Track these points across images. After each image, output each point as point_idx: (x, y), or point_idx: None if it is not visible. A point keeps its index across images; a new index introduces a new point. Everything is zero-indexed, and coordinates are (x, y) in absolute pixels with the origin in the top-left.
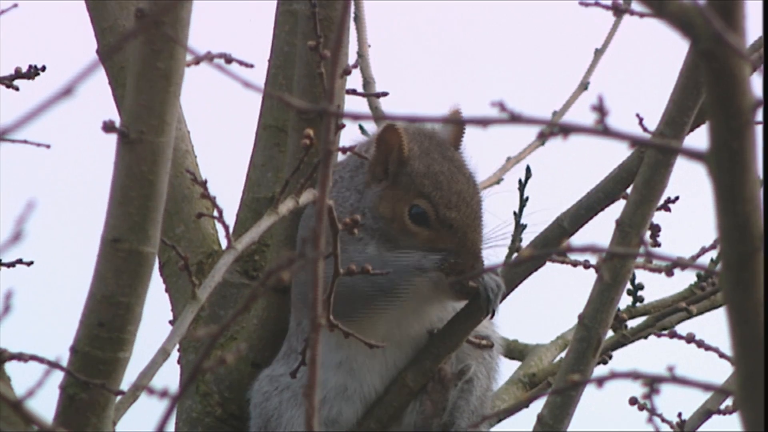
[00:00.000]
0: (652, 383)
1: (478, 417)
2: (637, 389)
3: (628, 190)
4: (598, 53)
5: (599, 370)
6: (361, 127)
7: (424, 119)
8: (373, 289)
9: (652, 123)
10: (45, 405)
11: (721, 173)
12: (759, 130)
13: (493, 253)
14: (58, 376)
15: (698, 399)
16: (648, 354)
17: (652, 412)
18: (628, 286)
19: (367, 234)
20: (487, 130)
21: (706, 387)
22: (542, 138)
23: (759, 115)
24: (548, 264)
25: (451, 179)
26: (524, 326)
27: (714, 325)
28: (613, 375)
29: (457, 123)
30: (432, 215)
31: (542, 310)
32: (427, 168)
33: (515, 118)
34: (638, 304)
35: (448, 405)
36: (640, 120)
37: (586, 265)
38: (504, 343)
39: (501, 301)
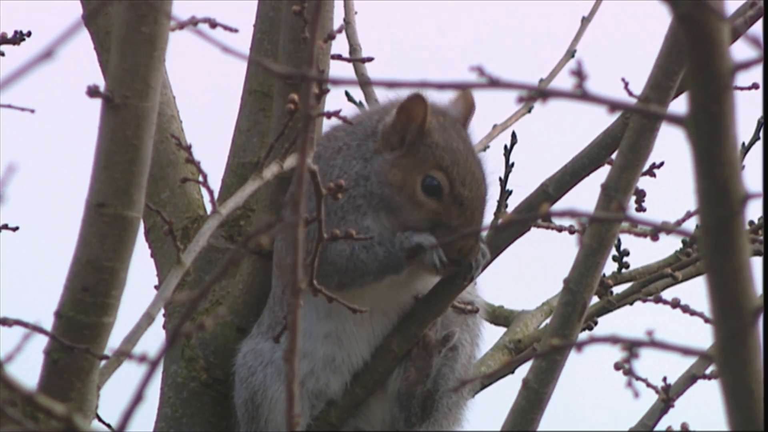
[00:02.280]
0: (631, 348)
1: (468, 390)
2: (621, 354)
3: (613, 156)
4: (585, 21)
5: (583, 337)
6: (347, 94)
7: (406, 84)
8: (376, 264)
9: (640, 88)
10: (29, 370)
11: (700, 137)
12: (738, 95)
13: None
14: (40, 341)
15: (685, 364)
16: (633, 321)
17: (633, 375)
18: (614, 252)
19: (366, 201)
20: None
21: (685, 351)
22: (521, 102)
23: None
24: (533, 230)
25: (467, 158)
26: (510, 292)
27: (700, 291)
28: (593, 340)
29: (437, 88)
30: (446, 189)
31: (528, 276)
32: (447, 143)
33: (494, 83)
34: (624, 270)
35: (432, 371)
36: (626, 84)
37: (571, 230)
38: (489, 309)
39: (485, 267)
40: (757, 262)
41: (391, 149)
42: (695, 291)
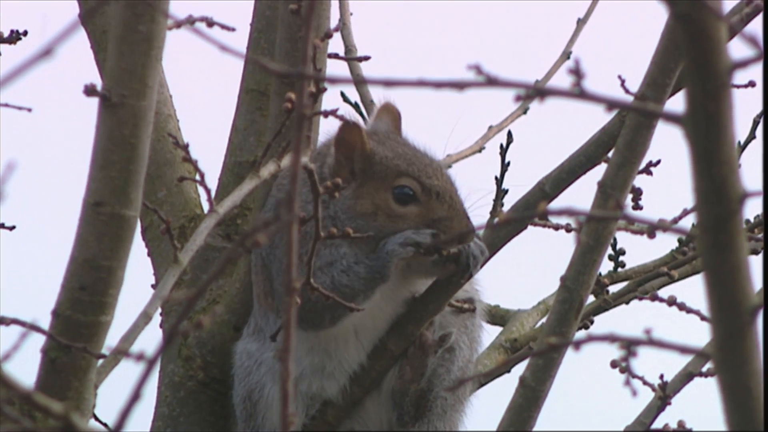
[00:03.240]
0: (629, 346)
1: (464, 391)
2: (618, 352)
3: (610, 154)
4: (581, 23)
5: (580, 335)
6: (342, 95)
7: (401, 83)
8: (362, 283)
9: (637, 86)
10: (27, 369)
11: (698, 136)
12: (734, 93)
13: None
14: (37, 340)
15: (681, 362)
16: (629, 319)
17: (630, 374)
18: (610, 251)
19: (344, 241)
20: (467, 96)
21: (682, 350)
22: (519, 101)
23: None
24: (530, 229)
25: (417, 155)
26: (506, 292)
27: (696, 291)
28: (591, 338)
29: (434, 87)
30: (418, 189)
31: (524, 275)
32: (393, 151)
33: (491, 81)
34: (620, 269)
35: (426, 371)
36: (622, 82)
37: (568, 229)
38: (487, 310)
39: (484, 264)
40: (754, 261)
41: (346, 184)
42: (691, 290)
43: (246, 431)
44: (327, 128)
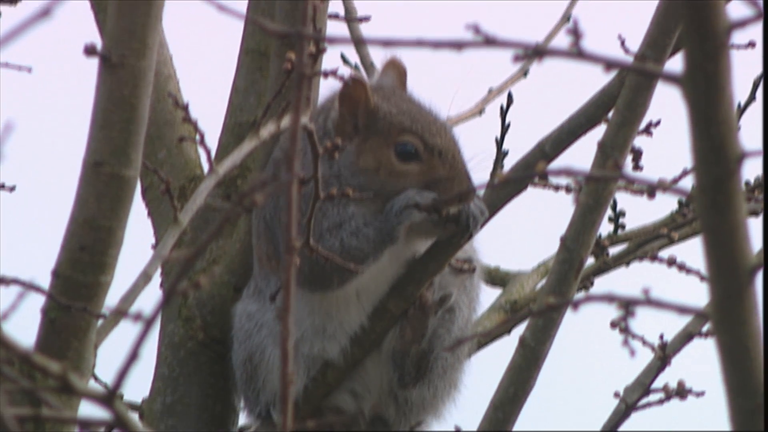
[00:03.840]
0: (627, 306)
1: (463, 351)
2: (618, 312)
3: (610, 115)
4: None
5: (576, 297)
6: (342, 57)
7: (400, 43)
8: (371, 245)
9: (637, 46)
10: (26, 329)
11: (696, 96)
12: (734, 54)
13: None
14: (37, 300)
15: (681, 323)
16: (629, 281)
17: (629, 334)
18: (610, 213)
19: (351, 201)
20: (467, 59)
21: (681, 309)
22: (518, 61)
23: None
24: (530, 189)
25: (421, 113)
26: (506, 253)
27: (695, 253)
28: (590, 298)
29: (432, 47)
30: (420, 146)
31: (524, 237)
32: (398, 108)
33: (490, 42)
34: (619, 231)
35: (427, 332)
36: (622, 42)
37: (568, 189)
38: (485, 270)
39: (484, 225)
40: (753, 222)
41: (349, 139)
42: (691, 252)
43: (246, 394)
44: (331, 85)
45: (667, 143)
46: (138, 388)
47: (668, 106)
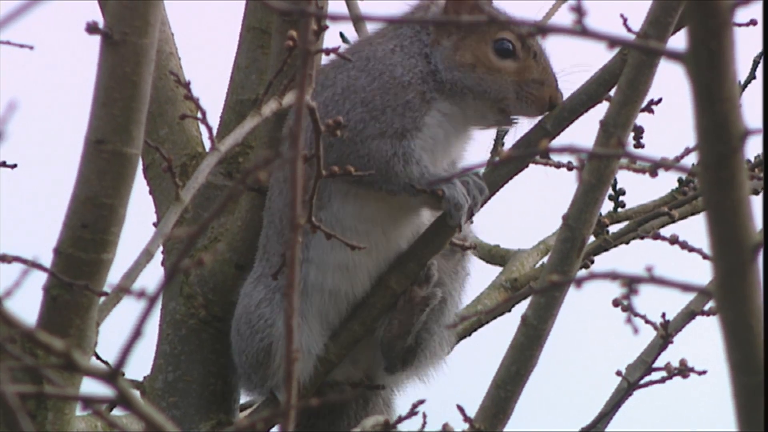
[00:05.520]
0: (631, 283)
1: (450, 336)
2: (620, 291)
3: (612, 92)
4: None
5: (579, 275)
6: (342, 35)
7: (402, 20)
8: (402, 182)
9: (639, 24)
10: (28, 307)
11: (700, 73)
12: (736, 32)
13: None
14: (39, 277)
15: (683, 301)
16: (630, 260)
17: (632, 312)
18: (610, 191)
19: (436, 93)
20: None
21: (684, 287)
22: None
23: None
24: (531, 168)
25: (515, 18)
26: (506, 231)
27: (695, 231)
28: (592, 276)
29: (435, 24)
30: (518, 44)
31: (524, 215)
32: (497, 9)
33: (493, 19)
34: (620, 209)
35: (414, 328)
36: (624, 20)
37: (570, 167)
38: (485, 248)
39: (484, 204)
40: (756, 200)
41: (447, 36)
42: (691, 230)
43: (251, 377)
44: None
45: (665, 122)
46: (138, 366)
47: (665, 86)
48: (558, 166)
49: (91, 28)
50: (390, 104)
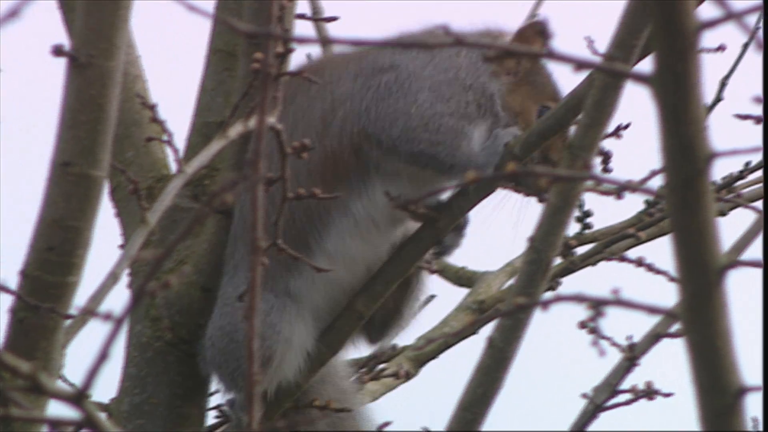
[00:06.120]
0: (597, 306)
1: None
2: (586, 313)
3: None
4: None
5: (546, 297)
6: (309, 57)
7: (369, 43)
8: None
9: (604, 47)
10: None
11: (666, 96)
12: (702, 56)
13: None
14: (5, 300)
15: (649, 324)
16: (596, 281)
17: (599, 335)
18: (577, 213)
19: (489, 114)
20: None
21: (651, 310)
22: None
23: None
24: (499, 191)
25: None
26: (473, 254)
27: (663, 252)
28: (559, 298)
29: (404, 46)
30: None
31: (491, 237)
32: (553, 75)
33: (460, 41)
34: (586, 231)
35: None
36: (590, 42)
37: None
38: (453, 270)
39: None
40: (722, 222)
41: (507, 73)
42: (658, 252)
43: (231, 375)
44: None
45: (630, 144)
46: (105, 388)
47: (632, 108)
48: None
49: (57, 51)
50: (455, 96)
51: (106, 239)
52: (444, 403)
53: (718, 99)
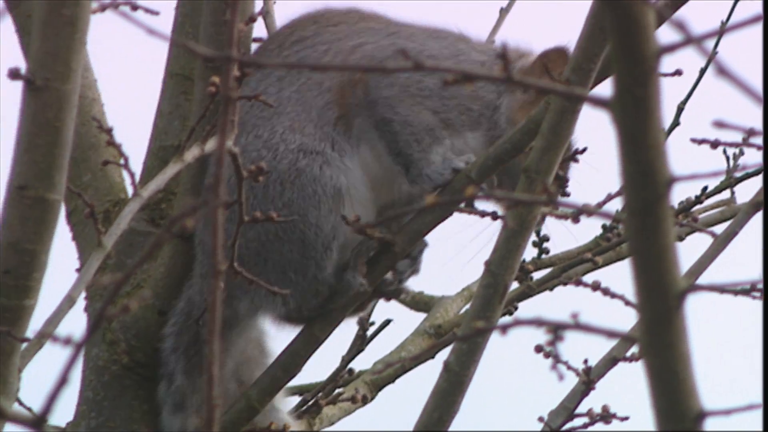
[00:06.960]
0: (556, 330)
1: None
2: (543, 337)
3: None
4: (504, 12)
5: (504, 321)
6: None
7: (327, 68)
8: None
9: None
10: None
11: (625, 120)
12: (662, 80)
13: None
14: None
15: (604, 347)
16: (554, 305)
17: (557, 359)
18: (534, 237)
19: (486, 123)
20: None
21: (609, 334)
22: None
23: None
24: (457, 216)
25: None
26: (430, 278)
27: (619, 277)
28: (517, 322)
29: (361, 70)
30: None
31: (448, 262)
32: None
33: (418, 66)
34: (544, 255)
35: None
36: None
37: (494, 216)
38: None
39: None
40: (681, 247)
41: (522, 91)
42: (615, 277)
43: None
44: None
45: (588, 171)
46: (61, 412)
47: (588, 131)
48: (483, 214)
49: (14, 74)
50: (459, 99)
51: (62, 263)
52: (401, 427)
53: (676, 123)
